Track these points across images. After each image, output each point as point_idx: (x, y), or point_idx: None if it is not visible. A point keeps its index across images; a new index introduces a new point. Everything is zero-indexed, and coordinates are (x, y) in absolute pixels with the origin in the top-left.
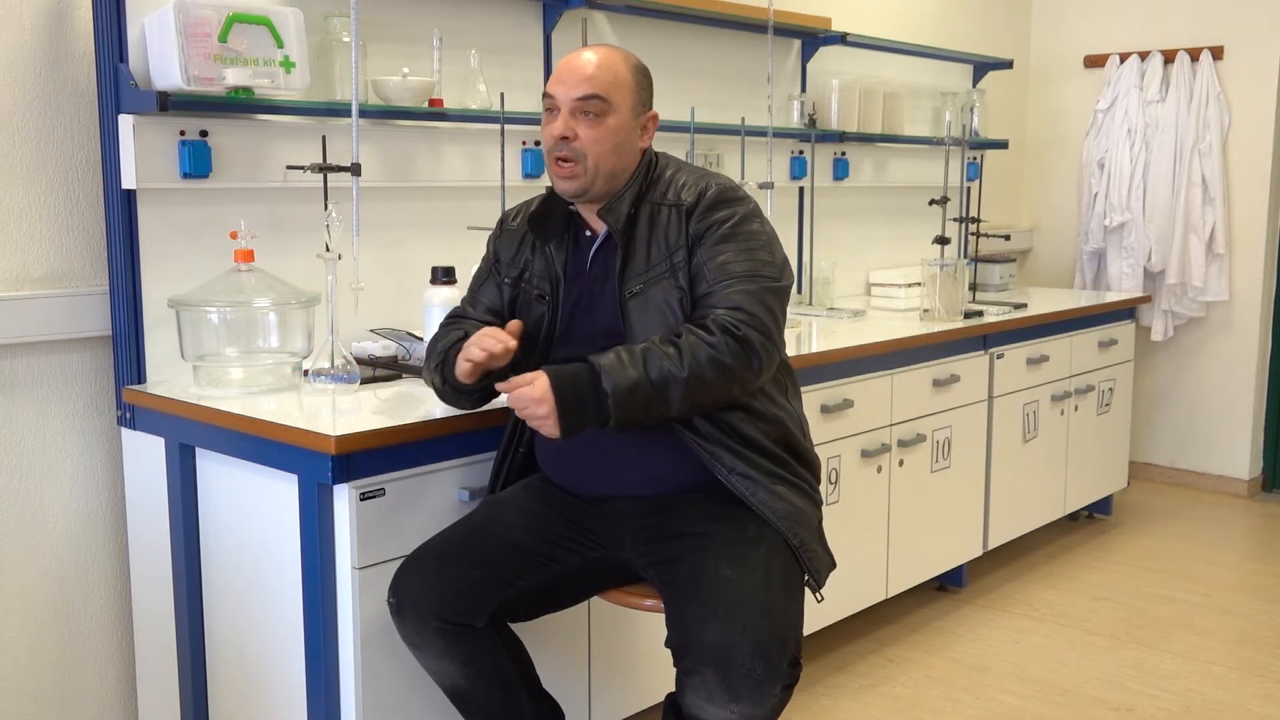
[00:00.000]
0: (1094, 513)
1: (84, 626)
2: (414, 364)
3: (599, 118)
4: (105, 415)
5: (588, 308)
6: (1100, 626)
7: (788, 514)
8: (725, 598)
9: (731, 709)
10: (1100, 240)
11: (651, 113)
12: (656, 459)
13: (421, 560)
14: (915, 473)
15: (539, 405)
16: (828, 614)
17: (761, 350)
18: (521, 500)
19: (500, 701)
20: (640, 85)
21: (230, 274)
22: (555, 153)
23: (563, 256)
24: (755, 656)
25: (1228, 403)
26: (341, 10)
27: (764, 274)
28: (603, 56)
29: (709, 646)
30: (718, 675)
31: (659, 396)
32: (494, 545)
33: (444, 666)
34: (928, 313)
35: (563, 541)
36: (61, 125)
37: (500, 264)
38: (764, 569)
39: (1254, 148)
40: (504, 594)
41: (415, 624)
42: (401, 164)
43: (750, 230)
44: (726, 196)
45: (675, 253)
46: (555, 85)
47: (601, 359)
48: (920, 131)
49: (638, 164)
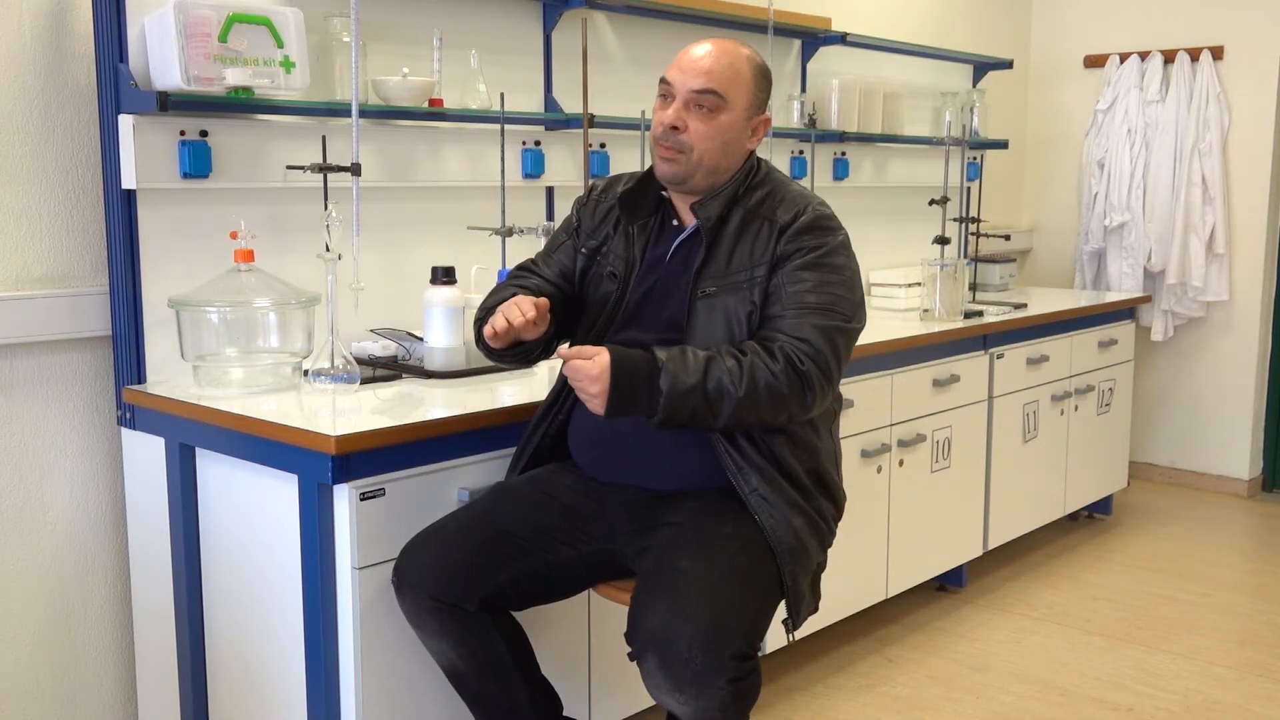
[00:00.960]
0: (1094, 513)
1: (84, 626)
2: (414, 364)
3: (712, 113)
4: (105, 415)
5: (659, 297)
6: (1100, 626)
7: (791, 549)
8: (675, 587)
9: (677, 697)
10: (1100, 240)
11: (764, 116)
12: (683, 459)
13: (423, 542)
14: (915, 473)
15: (593, 383)
16: (828, 614)
17: (819, 387)
18: (526, 490)
19: (494, 686)
20: (758, 86)
21: (230, 274)
22: (662, 140)
23: (644, 240)
24: (694, 645)
25: (1228, 403)
26: (341, 10)
27: (839, 310)
28: (726, 51)
29: (649, 633)
30: (658, 662)
31: (709, 407)
32: (491, 532)
33: (440, 646)
34: (928, 313)
35: (557, 534)
36: (61, 125)
37: (580, 231)
38: (725, 565)
39: (1254, 148)
40: (494, 579)
41: (412, 602)
42: (401, 164)
43: (836, 264)
44: (821, 224)
45: (758, 266)
46: (674, 72)
47: (665, 355)
48: (920, 131)
49: (741, 165)
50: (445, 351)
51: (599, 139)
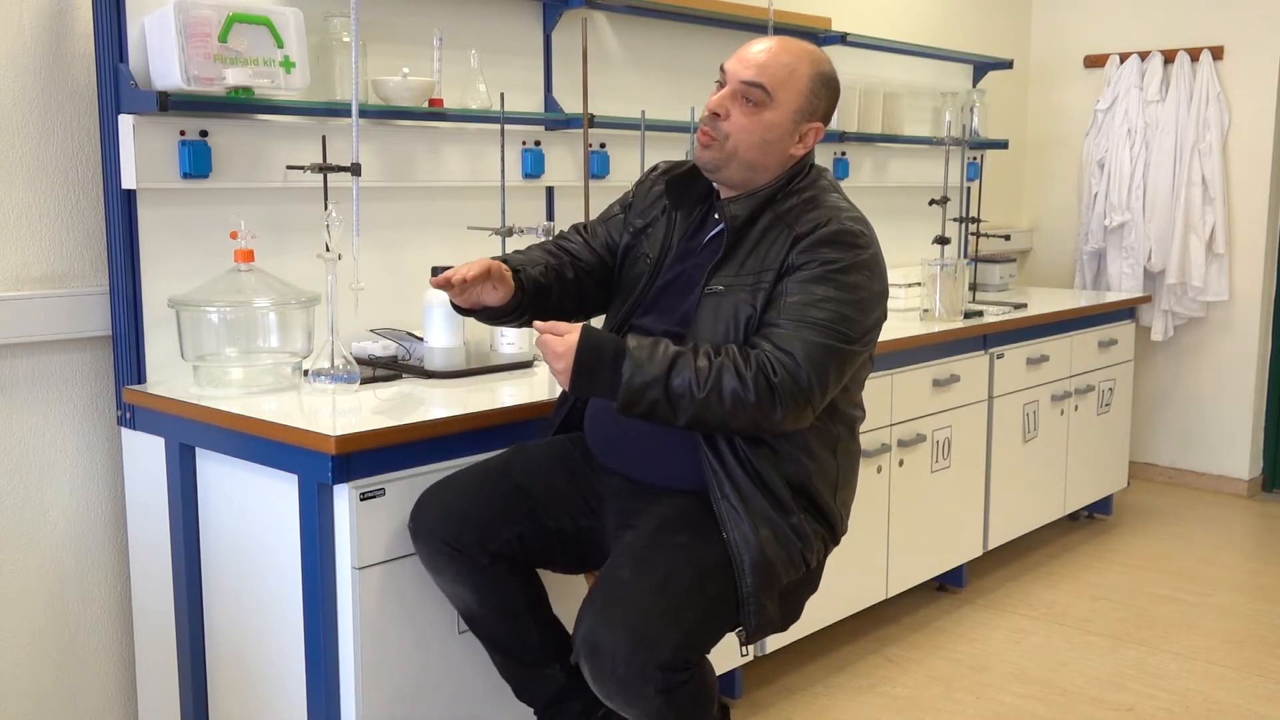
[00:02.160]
0: (1094, 513)
1: (84, 626)
2: (414, 364)
3: (757, 107)
4: (105, 415)
5: (681, 289)
6: (1100, 626)
7: (752, 562)
8: (609, 594)
9: (611, 703)
10: (1100, 240)
11: (816, 124)
12: (663, 451)
13: (441, 490)
14: (915, 473)
15: (558, 360)
16: (828, 614)
17: (790, 402)
18: (542, 452)
19: (508, 628)
20: (814, 92)
21: (230, 274)
22: (703, 124)
23: (684, 229)
24: (617, 654)
25: (1228, 403)
26: (341, 10)
27: (840, 330)
28: (788, 49)
29: (581, 638)
30: (589, 668)
31: (669, 403)
32: (505, 487)
33: (456, 590)
34: (928, 313)
35: (563, 501)
36: (61, 125)
37: (633, 208)
38: (663, 576)
39: (1254, 148)
40: (507, 533)
41: (428, 549)
42: (401, 164)
43: (850, 281)
44: (845, 239)
45: (766, 271)
46: (732, 61)
47: (635, 344)
48: (920, 131)
49: (784, 170)
50: (445, 351)
51: (599, 139)
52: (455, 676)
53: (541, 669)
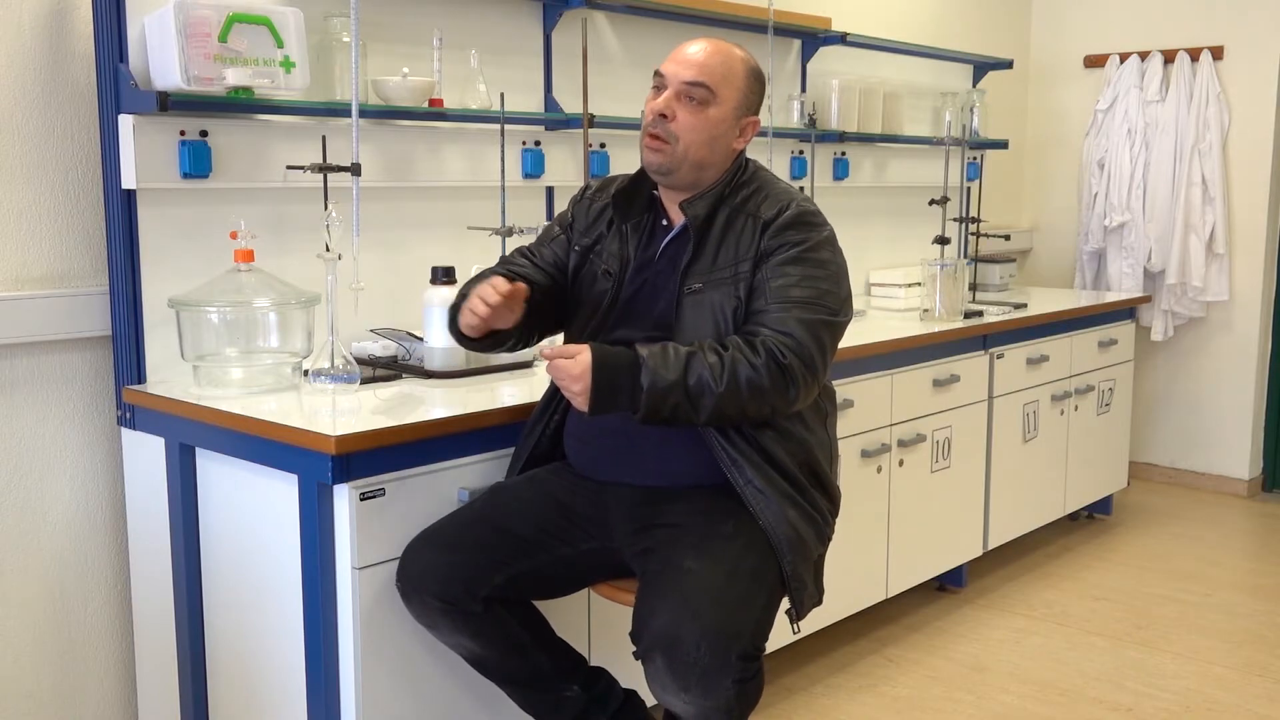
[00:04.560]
0: (1094, 513)
1: (84, 626)
2: (414, 364)
3: (701, 105)
4: (105, 415)
5: (649, 296)
6: (1100, 626)
7: (789, 540)
8: (682, 587)
9: (682, 697)
10: (1100, 240)
11: (754, 118)
12: (676, 454)
13: (423, 545)
14: (915, 473)
15: (575, 382)
16: (828, 614)
17: (801, 381)
18: (524, 490)
19: (516, 663)
20: (750, 88)
21: (230, 274)
22: (650, 129)
23: (637, 240)
24: (702, 645)
25: (1228, 403)
26: (341, 10)
27: (824, 304)
28: (721, 49)
29: (657, 633)
30: (666, 662)
31: (690, 403)
32: (490, 532)
33: (458, 641)
34: (927, 313)
35: (556, 533)
36: (61, 125)
37: (574, 228)
38: (731, 564)
39: (1254, 148)
40: (497, 578)
41: (420, 606)
42: (401, 164)
43: (820, 259)
44: (804, 220)
45: (742, 262)
46: (668, 64)
47: (646, 352)
48: (920, 131)
49: (729, 165)
50: (445, 351)
51: (599, 139)
52: (455, 676)
53: (560, 693)
